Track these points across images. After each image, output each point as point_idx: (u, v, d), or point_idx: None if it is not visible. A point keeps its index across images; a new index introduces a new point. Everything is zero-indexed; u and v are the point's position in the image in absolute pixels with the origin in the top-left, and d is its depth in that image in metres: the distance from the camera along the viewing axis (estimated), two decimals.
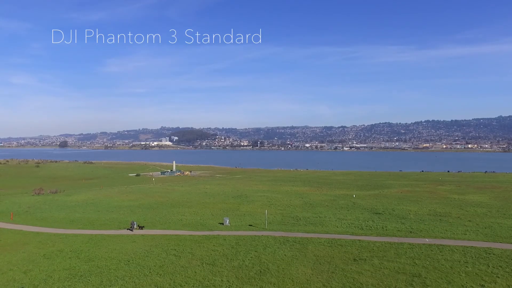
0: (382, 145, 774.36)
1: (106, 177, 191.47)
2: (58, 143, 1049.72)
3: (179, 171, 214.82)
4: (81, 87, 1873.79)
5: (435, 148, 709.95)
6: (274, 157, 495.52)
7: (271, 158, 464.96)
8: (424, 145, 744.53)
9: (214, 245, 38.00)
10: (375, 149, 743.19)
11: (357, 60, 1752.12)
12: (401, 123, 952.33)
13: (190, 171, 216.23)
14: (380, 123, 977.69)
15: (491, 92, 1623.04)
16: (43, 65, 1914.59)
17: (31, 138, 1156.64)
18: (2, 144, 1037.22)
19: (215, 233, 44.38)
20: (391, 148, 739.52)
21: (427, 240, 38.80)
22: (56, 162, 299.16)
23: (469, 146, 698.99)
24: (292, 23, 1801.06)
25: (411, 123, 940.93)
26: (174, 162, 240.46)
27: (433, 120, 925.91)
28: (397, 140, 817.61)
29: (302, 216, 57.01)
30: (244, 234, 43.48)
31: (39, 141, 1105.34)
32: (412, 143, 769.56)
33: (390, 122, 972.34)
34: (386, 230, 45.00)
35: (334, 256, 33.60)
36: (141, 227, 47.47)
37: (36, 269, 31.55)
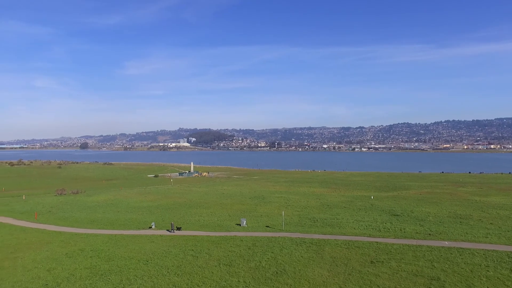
0: (401, 146, 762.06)
1: (125, 178, 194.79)
2: (79, 145, 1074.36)
3: (197, 172, 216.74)
4: (100, 89, 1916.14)
5: (456, 148, 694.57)
6: (291, 158, 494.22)
7: (288, 159, 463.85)
8: (444, 145, 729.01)
9: (231, 246, 38.32)
10: (393, 149, 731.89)
11: (375, 60, 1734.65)
12: (420, 123, 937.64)
13: (208, 172, 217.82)
14: (398, 123, 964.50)
15: None
16: (64, 69, 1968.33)
17: (53, 140, 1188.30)
18: (26, 146, 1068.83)
19: (232, 234, 44.72)
20: (410, 148, 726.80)
21: (446, 243, 38.14)
22: (77, 163, 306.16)
23: (492, 146, 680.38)
24: (307, 23, 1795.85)
25: (431, 123, 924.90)
26: (192, 163, 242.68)
27: (453, 120, 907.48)
28: (416, 141, 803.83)
29: (319, 217, 56.83)
30: (261, 235, 43.67)
31: (61, 143, 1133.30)
32: (432, 144, 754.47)
33: (409, 122, 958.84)
34: (404, 232, 44.44)
35: (351, 258, 33.43)
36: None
37: (59, 268, 32.51)
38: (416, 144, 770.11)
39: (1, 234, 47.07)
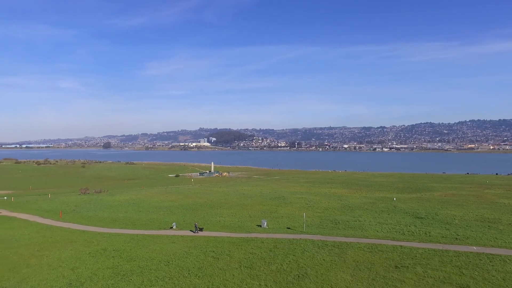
0: (424, 146, 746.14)
1: (146, 177, 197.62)
2: (102, 144, 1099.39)
3: (217, 172, 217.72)
4: (122, 90, 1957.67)
5: (481, 149, 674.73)
6: (311, 158, 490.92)
7: (308, 159, 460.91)
8: (469, 145, 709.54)
9: (252, 248, 38.03)
10: (416, 150, 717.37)
11: (396, 58, 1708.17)
12: (444, 123, 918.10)
13: (228, 172, 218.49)
14: (421, 123, 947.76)
15: None
16: (88, 70, 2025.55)
17: (77, 139, 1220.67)
18: (52, 145, 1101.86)
19: (253, 235, 44.43)
20: (433, 149, 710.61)
21: (474, 248, 36.76)
22: (100, 162, 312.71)
23: None
24: (327, 23, 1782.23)
25: (455, 123, 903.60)
26: (212, 163, 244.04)
27: (478, 120, 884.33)
28: (439, 141, 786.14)
29: (341, 219, 55.90)
30: (282, 237, 43.22)
31: (85, 142, 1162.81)
32: (456, 144, 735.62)
33: (432, 122, 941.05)
34: (430, 236, 43.14)
35: (374, 262, 32.61)
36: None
37: (82, 267, 32.98)
38: (440, 144, 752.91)
39: (29, 232, 48.34)
